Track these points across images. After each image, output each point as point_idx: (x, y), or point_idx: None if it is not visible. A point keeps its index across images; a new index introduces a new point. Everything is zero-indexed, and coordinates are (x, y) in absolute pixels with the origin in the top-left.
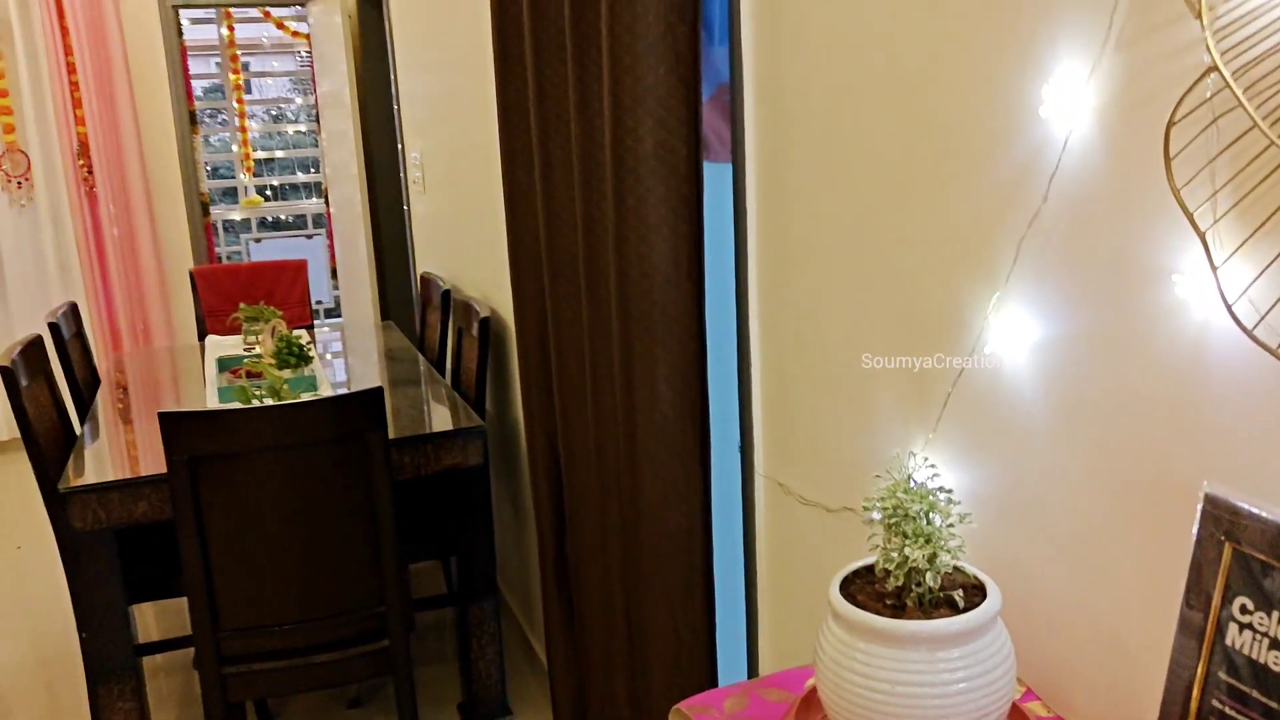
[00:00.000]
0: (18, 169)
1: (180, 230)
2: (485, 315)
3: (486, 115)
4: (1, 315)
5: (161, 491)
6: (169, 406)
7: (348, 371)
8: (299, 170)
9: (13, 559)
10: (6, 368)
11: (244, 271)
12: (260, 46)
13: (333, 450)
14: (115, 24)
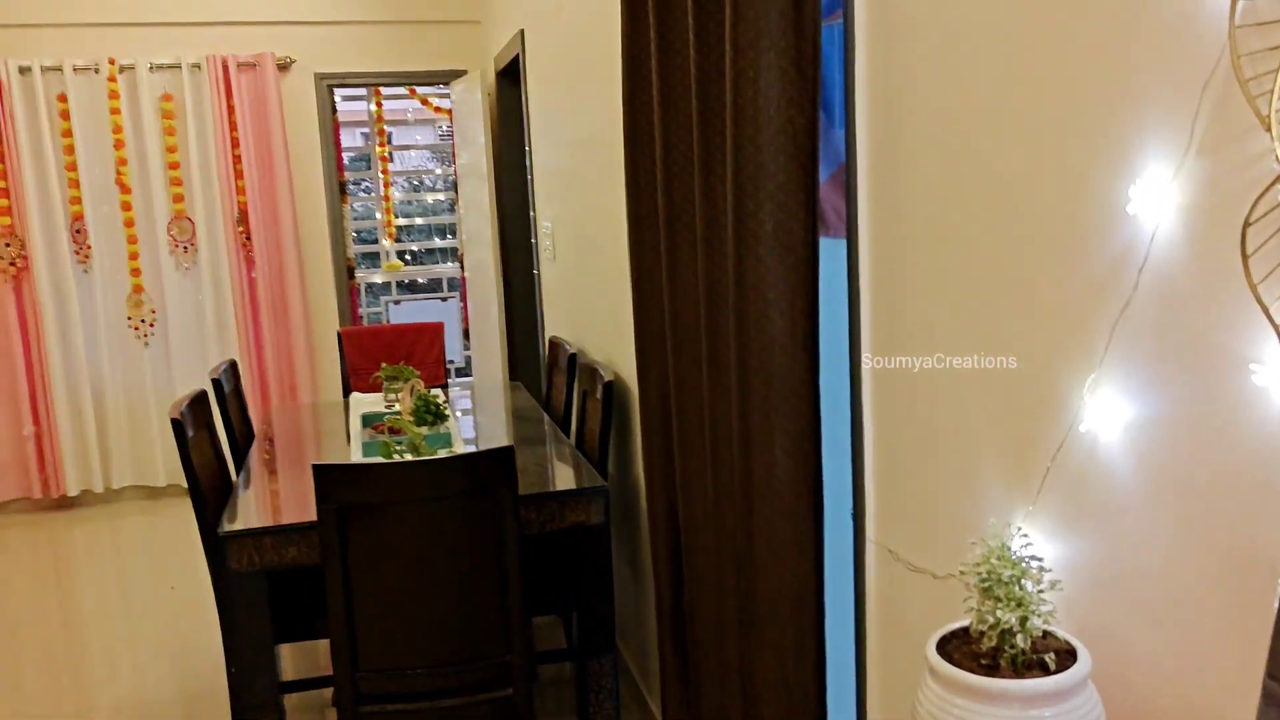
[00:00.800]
0: (184, 235)
1: (327, 292)
2: (609, 379)
3: (615, 190)
4: (165, 368)
5: (310, 538)
6: (315, 459)
7: (476, 429)
8: (436, 236)
9: (166, 599)
10: (177, 420)
11: (386, 333)
12: (404, 120)
13: (466, 504)
14: (276, 101)
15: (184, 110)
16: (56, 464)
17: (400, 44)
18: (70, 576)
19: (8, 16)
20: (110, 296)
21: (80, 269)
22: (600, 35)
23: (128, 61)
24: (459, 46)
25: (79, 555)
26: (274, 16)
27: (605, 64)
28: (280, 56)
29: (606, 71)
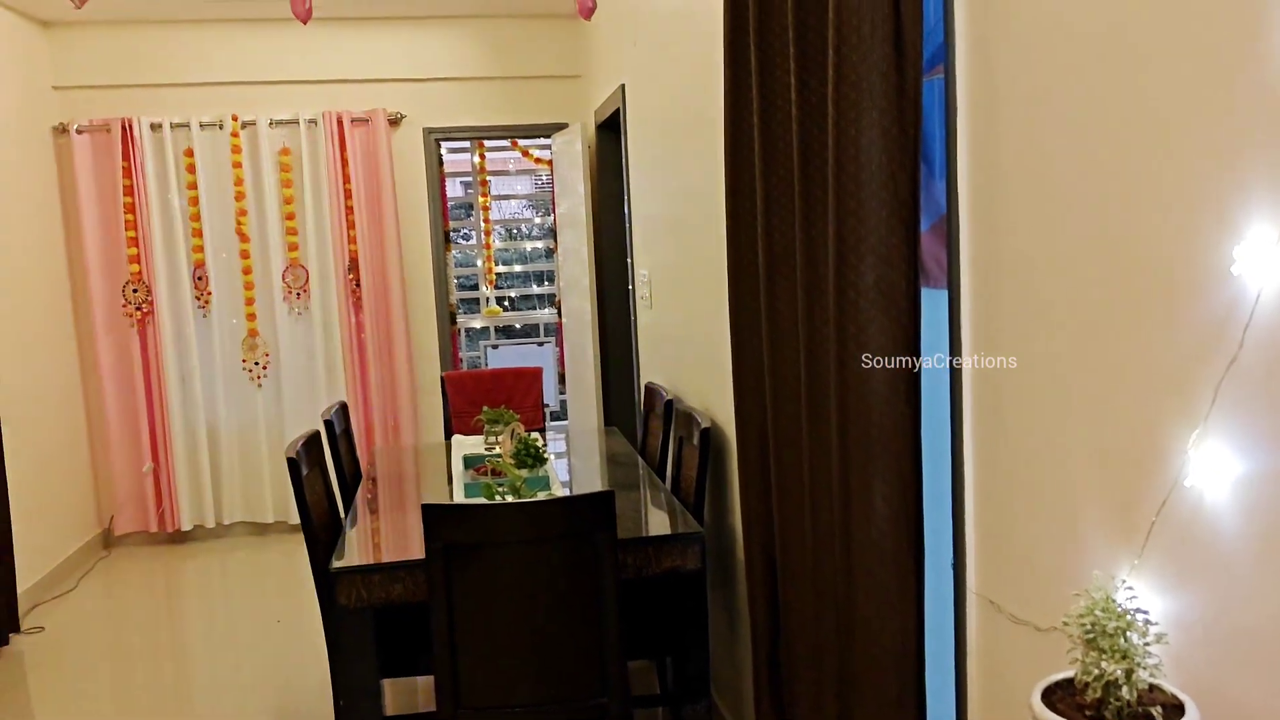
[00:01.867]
0: (298, 282)
1: (430, 337)
2: (706, 426)
3: (713, 239)
4: (276, 409)
5: (415, 576)
6: (418, 499)
7: (570, 472)
8: (534, 283)
9: (272, 632)
10: (293, 459)
11: (486, 377)
12: (505, 170)
13: (567, 547)
14: (386, 154)
15: (300, 163)
16: (172, 499)
17: (504, 99)
18: (182, 608)
19: (142, 78)
20: (227, 340)
21: (200, 313)
22: (701, 90)
23: (250, 118)
24: (560, 100)
25: (191, 588)
26: (386, 74)
27: (706, 117)
28: (391, 112)
29: (707, 125)
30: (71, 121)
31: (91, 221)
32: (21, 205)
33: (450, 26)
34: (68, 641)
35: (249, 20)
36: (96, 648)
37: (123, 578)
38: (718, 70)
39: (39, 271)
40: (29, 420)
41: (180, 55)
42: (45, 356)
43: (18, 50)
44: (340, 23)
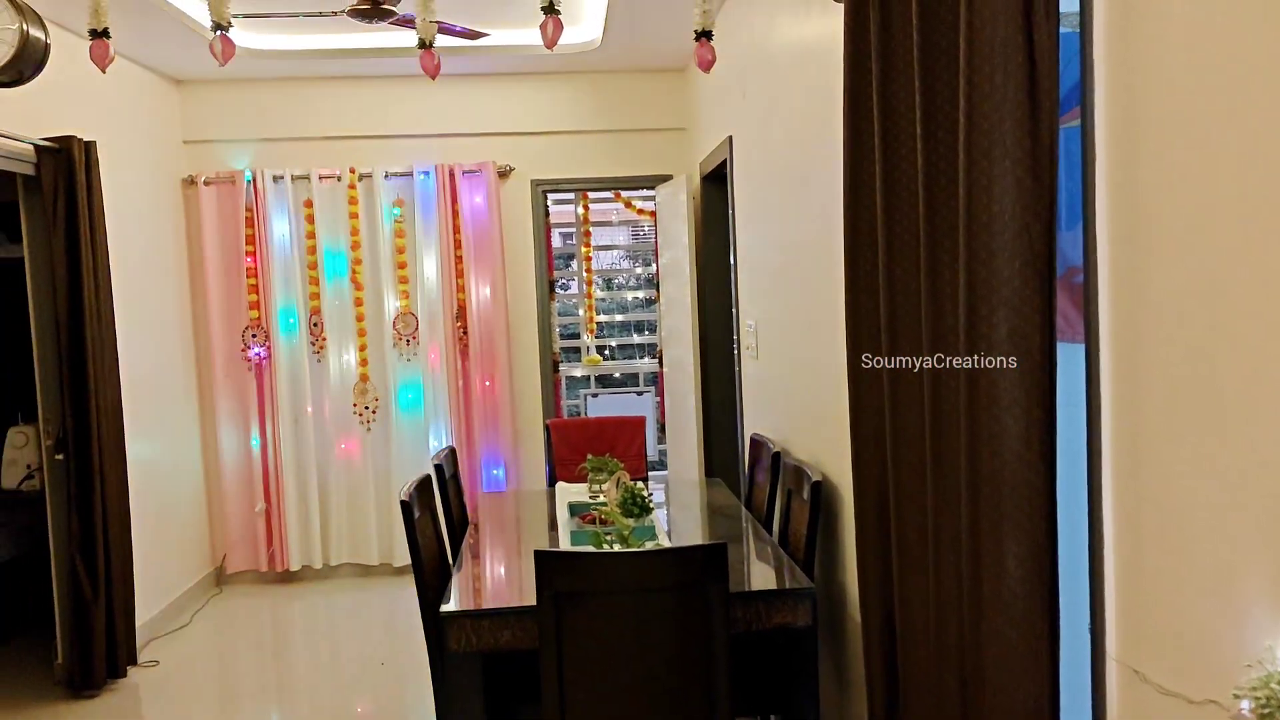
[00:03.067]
0: (408, 328)
1: (533, 385)
2: (817, 479)
3: (824, 290)
4: (384, 453)
5: (524, 622)
6: (523, 545)
7: (670, 523)
8: (634, 333)
9: (376, 674)
10: (406, 502)
11: (591, 425)
12: (607, 221)
13: (677, 598)
14: (495, 205)
15: (413, 214)
16: (282, 540)
17: (609, 151)
18: (289, 647)
19: (267, 132)
20: (339, 384)
21: (315, 358)
22: (814, 141)
23: (366, 170)
24: (664, 152)
25: (297, 627)
26: (497, 129)
27: (819, 169)
28: (501, 164)
29: (820, 176)
30: (199, 174)
31: (215, 268)
32: (153, 253)
33: (559, 82)
34: (180, 676)
35: (368, 77)
36: (207, 684)
37: (233, 615)
38: (832, 122)
39: (167, 315)
40: (152, 458)
41: (302, 111)
42: (169, 397)
43: (153, 107)
44: (454, 79)
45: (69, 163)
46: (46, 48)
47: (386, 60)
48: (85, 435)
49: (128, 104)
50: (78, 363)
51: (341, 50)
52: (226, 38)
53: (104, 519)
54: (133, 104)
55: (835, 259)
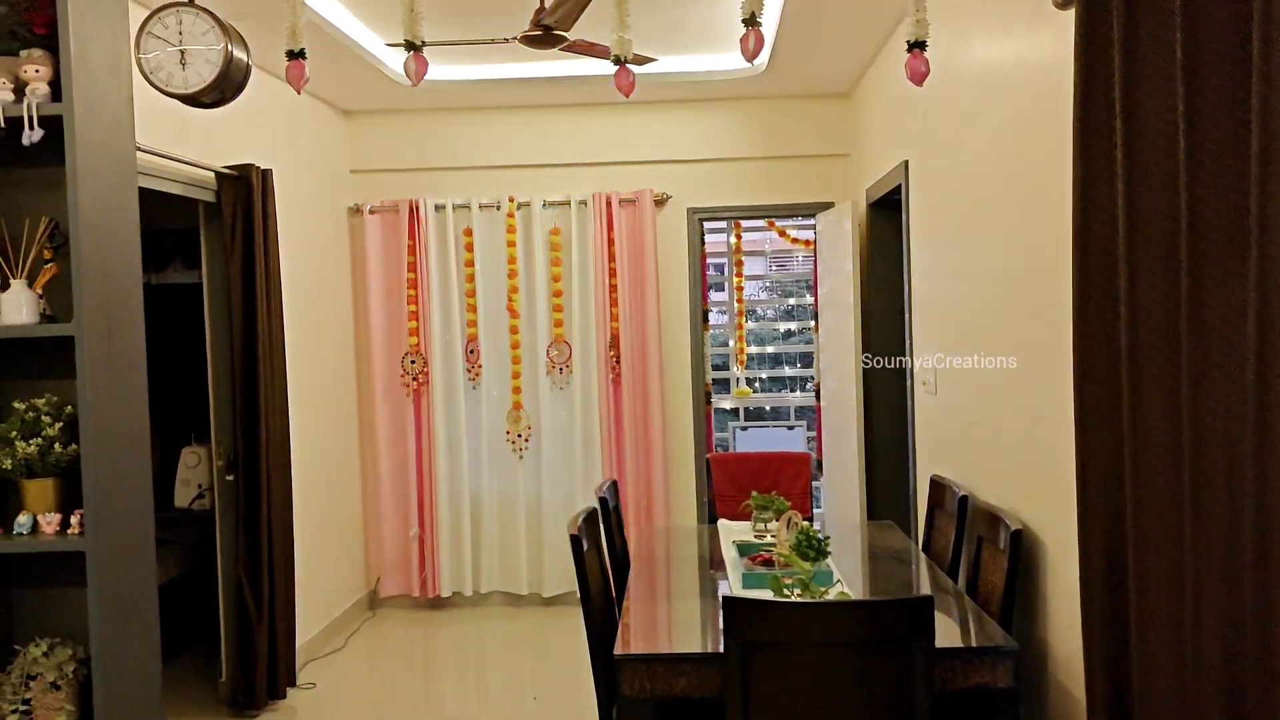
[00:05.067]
0: (561, 357)
1: (684, 416)
2: (1017, 529)
3: (1028, 325)
4: (535, 482)
5: (700, 669)
6: (688, 585)
7: (833, 566)
8: (786, 365)
9: (528, 708)
10: (575, 536)
11: (753, 460)
12: (760, 251)
13: (876, 653)
14: (651, 234)
15: (569, 242)
16: (435, 565)
17: (767, 178)
18: (440, 674)
19: (429, 162)
20: (493, 412)
21: (470, 385)
22: (1017, 162)
23: (525, 199)
24: (826, 179)
25: (448, 655)
26: (654, 157)
27: (1023, 191)
28: (658, 193)
29: (1024, 199)
30: (365, 202)
31: (377, 296)
32: (320, 280)
33: (719, 108)
34: (336, 701)
35: (528, 107)
36: (361, 711)
37: (386, 640)
38: (1042, 142)
39: (331, 341)
40: (314, 481)
41: (463, 141)
42: (331, 421)
43: (324, 137)
44: (613, 107)
45: (247, 190)
46: (248, 70)
47: (547, 89)
48: (255, 457)
49: (300, 134)
50: (250, 386)
51: (504, 80)
52: (420, 56)
53: (269, 540)
54: (305, 134)
55: (1043, 286)
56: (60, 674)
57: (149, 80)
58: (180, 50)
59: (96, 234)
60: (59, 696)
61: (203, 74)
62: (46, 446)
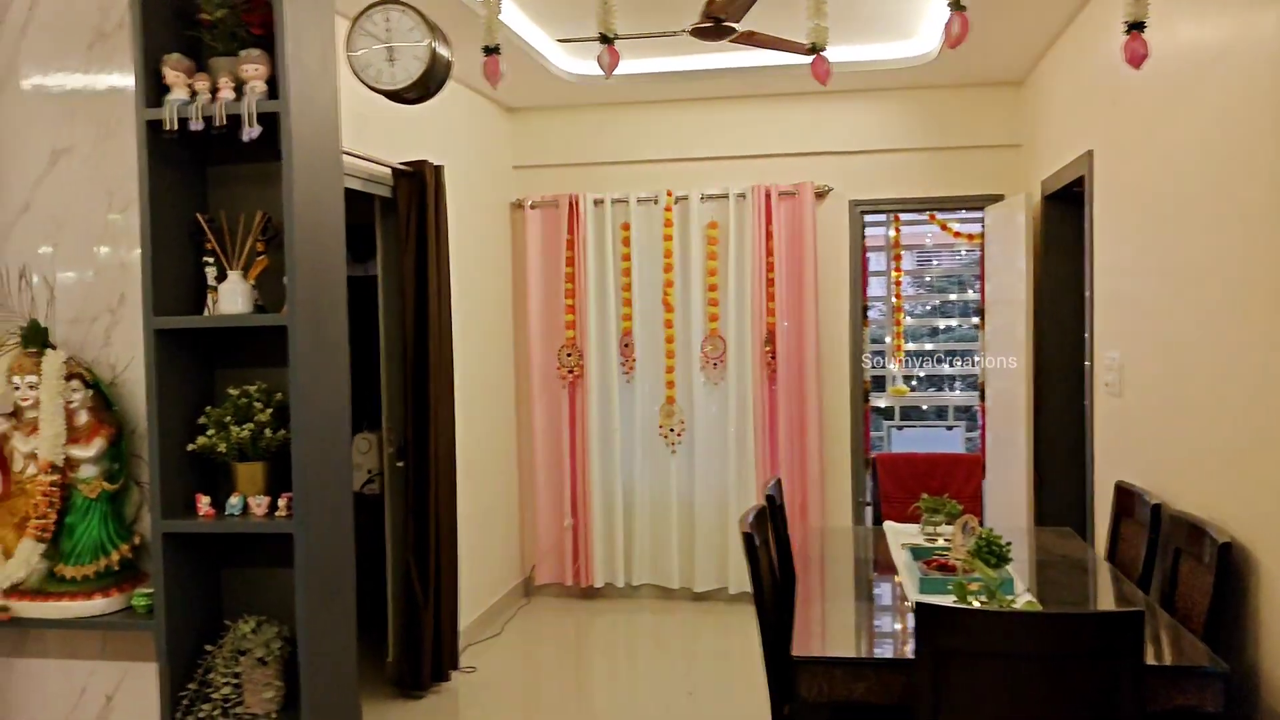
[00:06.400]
0: (716, 351)
1: (840, 414)
2: (1224, 541)
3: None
4: (688, 476)
5: (883, 675)
6: (859, 588)
7: (1012, 572)
8: (944, 362)
9: (682, 704)
10: (748, 534)
11: (921, 461)
12: (920, 245)
13: (1079, 668)
14: (810, 227)
15: (726, 236)
16: (588, 556)
17: (931, 170)
18: (593, 664)
19: (589, 157)
20: (647, 405)
21: (624, 379)
22: (1221, 152)
23: (682, 193)
24: (995, 171)
25: (601, 645)
26: (815, 148)
27: (1226, 183)
28: (819, 185)
29: (1226, 191)
30: (526, 198)
31: (536, 289)
32: (484, 273)
33: (883, 98)
34: (495, 685)
35: (687, 100)
36: (518, 695)
37: (541, 627)
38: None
39: (493, 333)
40: (475, 470)
41: (622, 136)
42: (491, 412)
43: (490, 134)
44: (772, 99)
45: (421, 185)
46: (450, 66)
47: (708, 82)
48: (423, 445)
49: (468, 131)
50: (420, 377)
51: (665, 74)
52: (613, 49)
53: (436, 526)
54: (472, 131)
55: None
56: (267, 650)
57: (359, 77)
58: (388, 47)
59: (307, 227)
60: (266, 672)
61: (409, 70)
62: (258, 431)
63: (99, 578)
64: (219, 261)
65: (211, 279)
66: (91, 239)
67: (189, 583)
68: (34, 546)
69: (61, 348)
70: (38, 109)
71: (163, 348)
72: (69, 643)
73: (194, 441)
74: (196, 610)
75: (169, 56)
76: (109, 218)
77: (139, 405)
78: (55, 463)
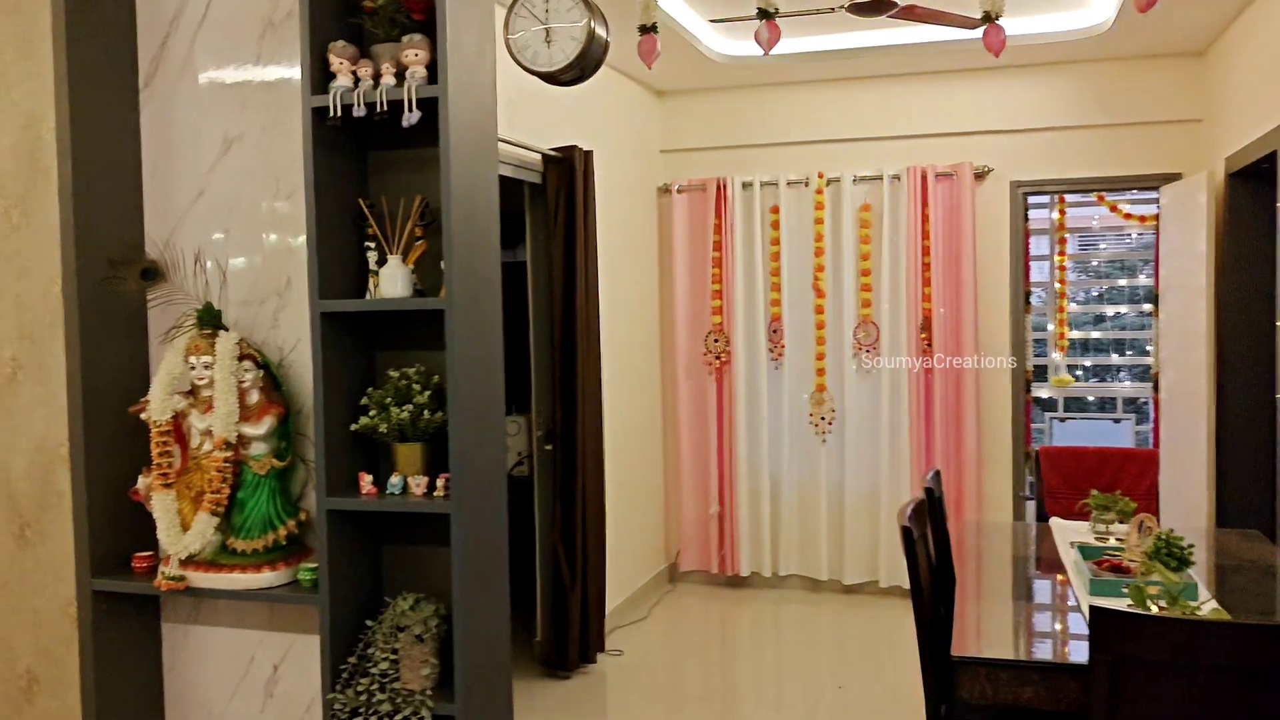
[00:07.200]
0: (868, 339)
1: (999, 406)
2: None
3: None
4: (838, 466)
5: (1051, 680)
6: (1014, 585)
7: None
8: (1111, 351)
9: (832, 697)
10: (907, 528)
11: (1090, 455)
12: (1086, 228)
13: (1269, 683)
14: (969, 210)
15: (880, 219)
16: (733, 544)
17: (1101, 148)
18: (738, 653)
19: (738, 140)
20: (796, 393)
21: (773, 366)
22: None
23: (834, 175)
24: (1171, 148)
25: (746, 634)
26: (974, 127)
27: None
28: (978, 165)
29: None
30: (673, 182)
31: (682, 274)
32: (631, 258)
33: (1045, 74)
34: (641, 669)
35: (838, 80)
36: (664, 680)
37: (686, 614)
38: None
39: (639, 318)
40: (621, 454)
41: (772, 117)
42: (637, 397)
43: (639, 118)
44: (929, 76)
45: (570, 171)
46: (607, 47)
47: (860, 60)
48: (571, 428)
49: (617, 116)
50: (568, 361)
51: (817, 53)
52: (773, 24)
53: (583, 509)
54: (621, 115)
55: None
56: (425, 628)
57: (516, 60)
58: (546, 28)
59: (463, 211)
60: (423, 649)
61: (565, 51)
62: (417, 413)
63: (267, 552)
64: (380, 246)
65: (373, 263)
66: (260, 224)
67: (351, 559)
68: (209, 520)
69: (233, 329)
70: (212, 99)
71: (327, 330)
72: (240, 613)
73: (356, 422)
74: (358, 586)
75: (334, 44)
76: (276, 204)
77: (305, 386)
78: (228, 440)
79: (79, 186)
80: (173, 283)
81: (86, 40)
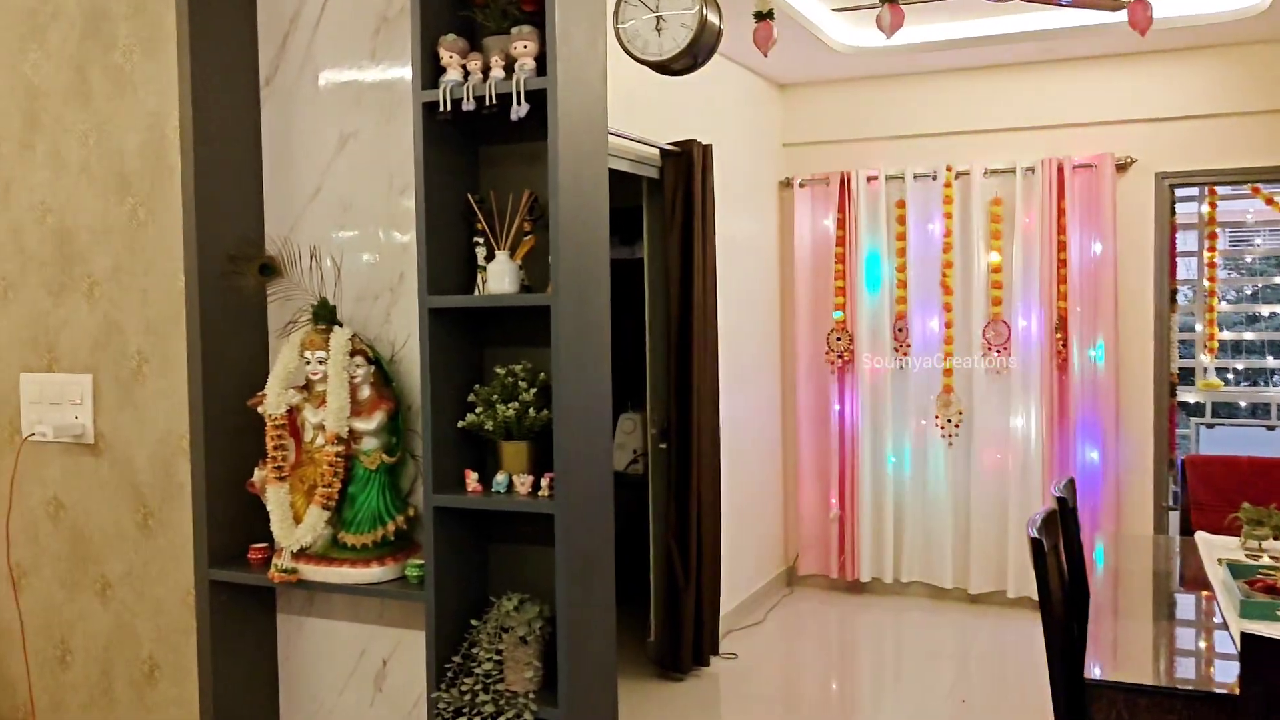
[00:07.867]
0: (999, 339)
1: (1142, 411)
2: None
3: None
4: (964, 470)
5: (1196, 709)
6: (1154, 604)
7: None
8: (1269, 354)
9: (954, 710)
10: (1036, 539)
11: (1243, 465)
12: (1240, 222)
13: None
14: (1110, 203)
15: (1012, 213)
16: (854, 548)
17: (1258, 137)
18: (857, 661)
19: (862, 132)
20: (921, 394)
21: (898, 366)
22: None
23: (964, 167)
24: None
25: (866, 641)
26: (1116, 116)
27: None
28: (1120, 156)
29: None
30: (795, 176)
31: (804, 270)
32: (751, 254)
33: (1193, 58)
34: (755, 673)
35: (967, 69)
36: (779, 686)
37: (803, 618)
38: None
39: (758, 315)
40: (738, 454)
41: (897, 109)
42: (756, 395)
43: (758, 111)
44: (1064, 63)
45: (688, 166)
46: (719, 34)
47: (992, 48)
48: (686, 427)
49: (736, 109)
50: (684, 358)
51: (945, 41)
52: (896, 7)
53: (698, 509)
54: (741, 109)
55: None
56: (529, 629)
57: (626, 49)
58: (656, 16)
59: (571, 206)
60: (527, 651)
61: (677, 39)
62: (523, 411)
63: (376, 546)
64: (488, 241)
65: (481, 259)
66: (374, 220)
67: (457, 556)
68: (320, 514)
69: (347, 325)
70: (328, 96)
71: (436, 326)
72: (351, 606)
73: (463, 419)
74: (464, 584)
75: (444, 38)
76: (389, 200)
77: (414, 382)
78: (340, 434)
79: (201, 184)
80: (289, 278)
81: (209, 40)
